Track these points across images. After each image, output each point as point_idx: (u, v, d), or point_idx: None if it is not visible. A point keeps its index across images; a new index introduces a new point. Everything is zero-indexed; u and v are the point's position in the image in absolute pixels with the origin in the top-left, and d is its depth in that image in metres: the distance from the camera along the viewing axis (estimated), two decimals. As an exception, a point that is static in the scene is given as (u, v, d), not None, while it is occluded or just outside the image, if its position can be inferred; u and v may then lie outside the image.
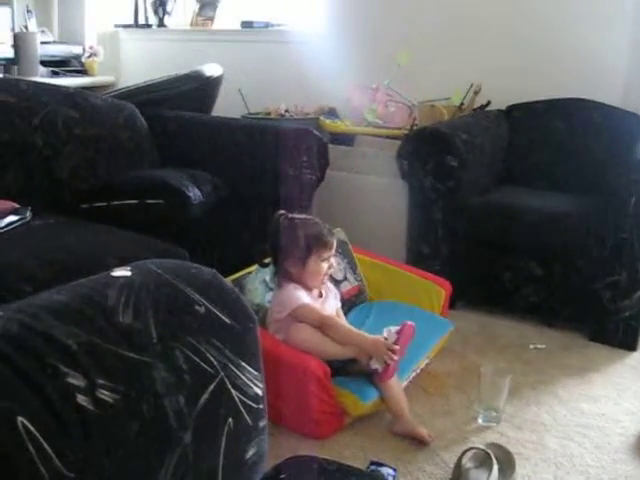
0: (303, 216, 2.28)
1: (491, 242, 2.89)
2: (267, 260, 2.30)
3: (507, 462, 1.89)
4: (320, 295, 2.29)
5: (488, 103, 3.41)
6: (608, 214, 2.62)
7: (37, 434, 0.74)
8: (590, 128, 3.12)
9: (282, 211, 2.26)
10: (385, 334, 2.11)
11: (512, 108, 3.36)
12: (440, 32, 3.57)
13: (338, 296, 2.40)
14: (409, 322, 2.12)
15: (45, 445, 0.75)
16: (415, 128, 3.24)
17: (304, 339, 2.12)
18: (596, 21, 3.25)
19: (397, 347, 2.05)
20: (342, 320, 2.36)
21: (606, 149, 2.98)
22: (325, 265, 2.23)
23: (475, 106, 3.40)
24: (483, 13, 3.48)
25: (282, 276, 2.24)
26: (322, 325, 2.15)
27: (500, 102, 3.39)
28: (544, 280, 2.79)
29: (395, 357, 2.05)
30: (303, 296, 2.19)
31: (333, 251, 2.26)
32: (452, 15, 3.56)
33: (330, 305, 2.31)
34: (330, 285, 2.38)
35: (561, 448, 2.03)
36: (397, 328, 2.11)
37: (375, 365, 2.08)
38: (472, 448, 1.88)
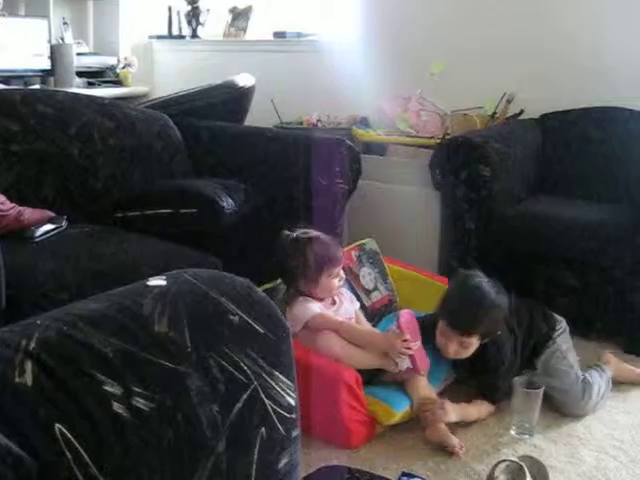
0: (307, 233, 2.26)
1: (525, 252, 2.87)
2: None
3: (540, 475, 1.87)
4: (333, 302, 2.30)
5: (521, 112, 3.39)
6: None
7: (74, 441, 0.75)
8: (625, 137, 3.08)
9: (287, 231, 2.26)
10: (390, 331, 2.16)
11: (546, 117, 3.33)
12: (472, 41, 3.55)
13: (354, 299, 2.41)
14: (401, 311, 2.17)
15: (82, 452, 0.76)
16: (447, 137, 3.22)
17: (330, 347, 2.13)
18: (630, 30, 3.21)
19: (407, 336, 2.07)
20: (363, 322, 2.36)
21: (642, 158, 2.94)
22: (336, 280, 2.25)
23: (508, 115, 3.38)
24: (515, 22, 3.46)
25: (293, 293, 2.26)
26: (338, 331, 2.15)
27: (533, 111, 3.36)
28: (579, 291, 2.76)
29: (412, 345, 2.07)
30: (314, 307, 2.20)
31: (342, 264, 2.28)
32: (484, 24, 3.54)
33: (346, 310, 2.31)
34: (343, 290, 2.39)
35: (596, 462, 2.00)
36: (395, 323, 2.14)
37: (403, 365, 2.10)
38: (505, 460, 1.86)
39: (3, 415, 0.72)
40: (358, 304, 2.42)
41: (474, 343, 2.15)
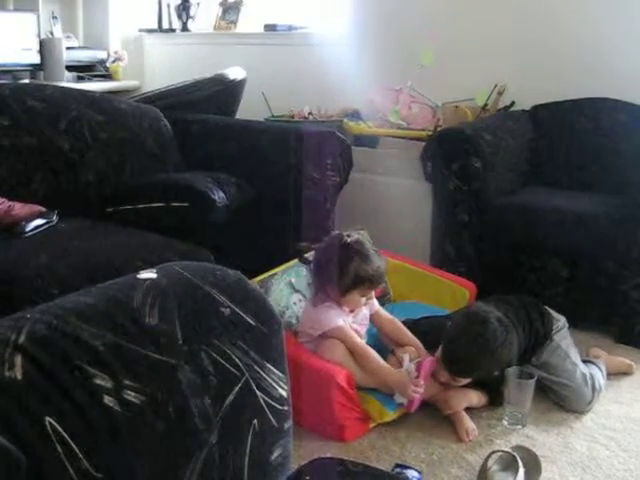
0: (359, 244, 2.17)
1: (517, 243, 2.87)
2: (309, 257, 2.28)
3: (533, 465, 1.88)
4: (352, 310, 2.26)
5: (512, 104, 3.39)
6: (635, 214, 2.59)
7: (65, 435, 0.75)
8: (616, 127, 3.08)
9: (337, 232, 2.22)
10: (405, 367, 2.10)
11: (537, 108, 3.33)
12: (463, 33, 3.55)
13: (371, 301, 2.33)
14: (429, 358, 2.10)
15: (73, 445, 0.75)
16: (439, 129, 3.22)
17: (332, 358, 2.11)
18: (620, 20, 3.21)
19: (421, 382, 2.03)
20: (383, 316, 2.34)
21: (632, 148, 2.94)
22: (364, 299, 2.19)
23: (499, 107, 3.38)
24: (506, 14, 3.46)
25: (319, 292, 2.21)
26: (353, 351, 2.13)
27: (524, 102, 3.36)
28: (570, 281, 2.77)
29: (420, 391, 2.03)
30: (337, 317, 2.16)
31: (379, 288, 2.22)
32: (475, 16, 3.53)
33: (364, 316, 2.29)
34: None
35: (588, 451, 2.01)
36: (415, 363, 2.10)
37: (399, 400, 2.08)
38: (498, 451, 1.87)
39: (-7, 409, 0.72)
40: (376, 303, 2.35)
41: (466, 380, 2.13)
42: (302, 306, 2.38)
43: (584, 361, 2.32)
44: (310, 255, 2.30)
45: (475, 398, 2.19)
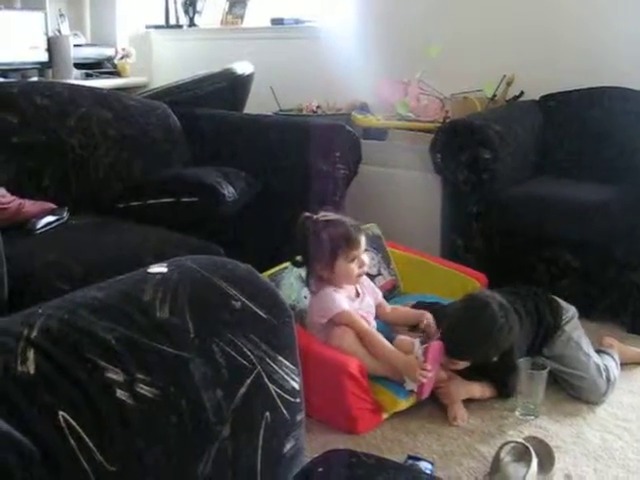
0: (327, 216, 2.21)
1: (527, 234, 2.86)
2: (299, 258, 2.28)
3: (546, 456, 1.87)
4: (357, 295, 2.27)
5: (521, 94, 3.37)
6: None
7: (78, 428, 0.75)
8: (626, 116, 3.06)
9: (307, 213, 2.22)
10: (415, 350, 2.10)
11: (546, 98, 3.31)
12: (471, 24, 3.53)
13: (376, 290, 2.37)
14: (436, 342, 2.09)
15: (86, 439, 0.76)
16: (448, 121, 3.21)
17: (341, 346, 2.11)
18: (629, 9, 3.19)
19: (428, 366, 2.02)
20: (386, 309, 2.35)
21: (643, 137, 2.93)
22: (354, 265, 2.17)
23: (508, 97, 3.36)
24: (514, 4, 3.44)
25: (316, 279, 2.22)
26: (361, 337, 2.12)
27: (533, 93, 3.34)
28: (581, 272, 2.76)
29: (428, 375, 2.02)
30: (343, 301, 2.16)
31: (362, 249, 2.19)
32: (483, 6, 3.52)
33: (368, 304, 2.29)
34: (366, 282, 2.36)
35: (601, 441, 2.01)
36: (423, 347, 2.09)
37: (409, 386, 2.08)
38: (510, 442, 1.87)
39: (6, 403, 0.72)
40: (380, 293, 2.38)
41: (463, 364, 2.13)
42: (312, 299, 2.39)
43: (597, 351, 2.32)
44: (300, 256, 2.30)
45: (477, 391, 2.18)
